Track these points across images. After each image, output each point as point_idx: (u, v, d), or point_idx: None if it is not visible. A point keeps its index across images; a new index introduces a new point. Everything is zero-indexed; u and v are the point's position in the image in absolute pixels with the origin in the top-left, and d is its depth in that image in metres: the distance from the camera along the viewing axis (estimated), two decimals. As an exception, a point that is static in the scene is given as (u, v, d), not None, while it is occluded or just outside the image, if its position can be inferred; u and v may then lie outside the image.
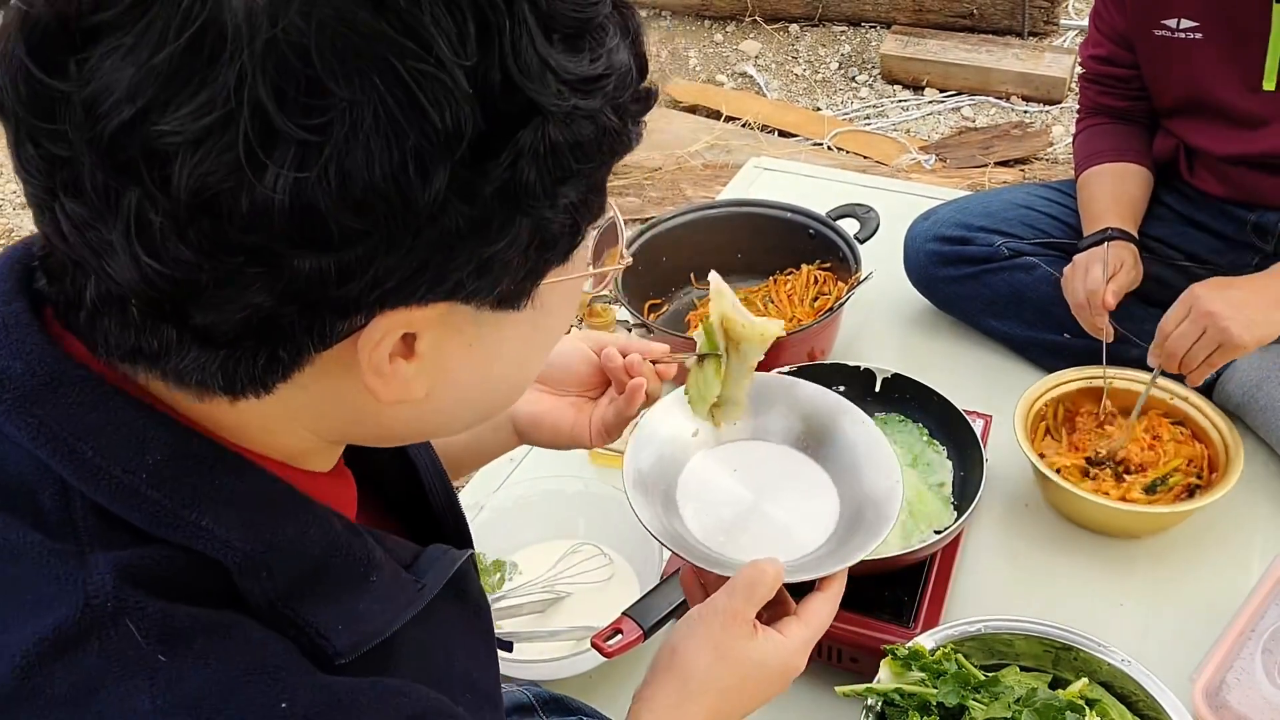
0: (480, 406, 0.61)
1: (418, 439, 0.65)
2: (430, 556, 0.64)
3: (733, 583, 0.83)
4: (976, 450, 1.39)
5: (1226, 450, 1.45)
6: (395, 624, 0.58)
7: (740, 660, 0.81)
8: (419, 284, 0.48)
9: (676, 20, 4.38)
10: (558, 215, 0.50)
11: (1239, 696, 1.14)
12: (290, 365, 0.50)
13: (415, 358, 0.53)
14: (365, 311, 0.49)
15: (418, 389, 0.54)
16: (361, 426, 0.58)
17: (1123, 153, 1.73)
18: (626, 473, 0.95)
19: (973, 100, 3.63)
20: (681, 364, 0.97)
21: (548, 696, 1.18)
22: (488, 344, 0.56)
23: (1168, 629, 1.35)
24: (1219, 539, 1.46)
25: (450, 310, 0.51)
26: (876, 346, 1.85)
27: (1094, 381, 1.58)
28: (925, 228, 1.82)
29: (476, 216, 0.47)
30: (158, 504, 0.50)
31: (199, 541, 0.51)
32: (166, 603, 0.49)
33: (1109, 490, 1.46)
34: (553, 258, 0.53)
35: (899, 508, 0.90)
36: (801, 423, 1.00)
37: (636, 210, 3.14)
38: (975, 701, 1.04)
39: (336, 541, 0.56)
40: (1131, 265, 1.56)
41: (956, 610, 1.36)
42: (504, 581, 1.42)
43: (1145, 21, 1.62)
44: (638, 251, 1.82)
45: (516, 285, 0.53)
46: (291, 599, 0.53)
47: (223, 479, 0.53)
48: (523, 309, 0.55)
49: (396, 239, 0.46)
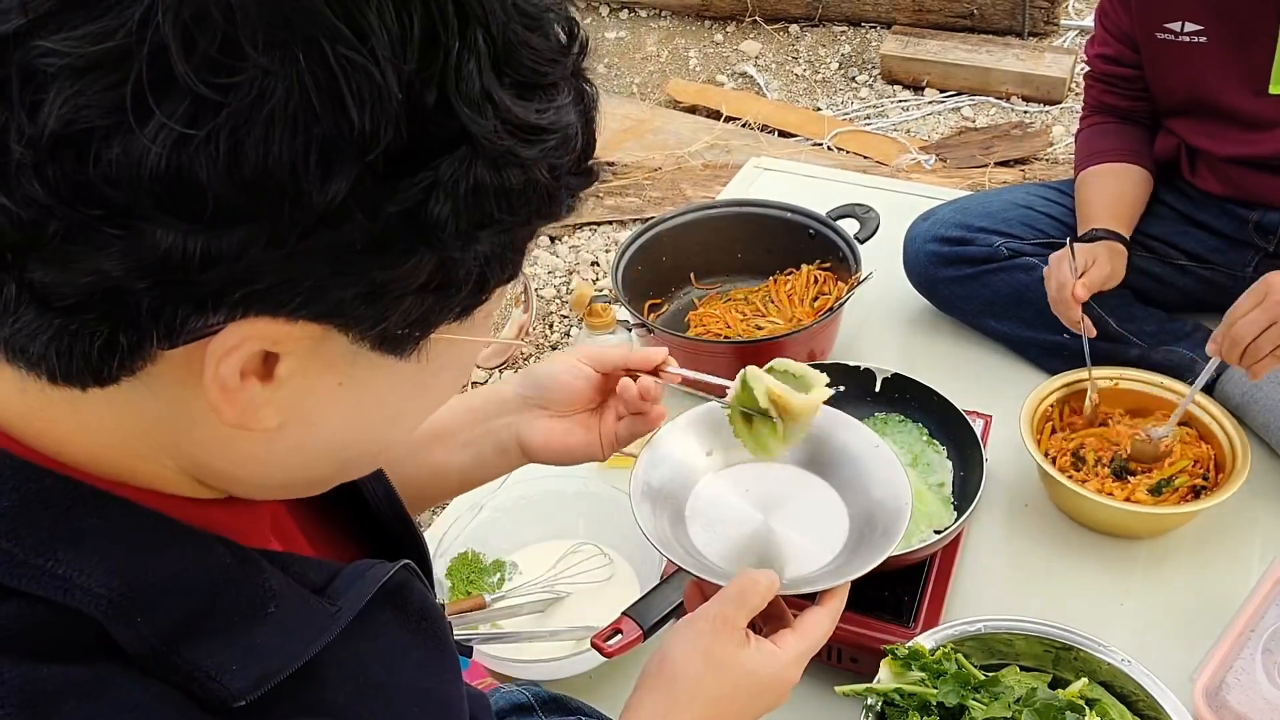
0: (340, 458, 0.56)
1: (269, 490, 0.57)
2: (348, 575, 0.59)
3: (724, 590, 0.81)
4: (976, 450, 1.39)
5: (1233, 451, 1.45)
6: (306, 654, 0.54)
7: (730, 668, 0.78)
8: (294, 293, 0.44)
9: (676, 20, 4.38)
10: (466, 261, 0.47)
11: (1239, 696, 1.14)
12: (129, 355, 0.44)
13: (272, 382, 0.47)
14: (225, 311, 0.44)
15: (267, 418, 0.49)
16: (210, 457, 0.52)
17: (1123, 153, 1.73)
18: (634, 486, 0.94)
19: (973, 100, 3.63)
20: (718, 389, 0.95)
21: (547, 696, 1.18)
22: (360, 389, 0.51)
23: (1168, 629, 1.35)
24: (1219, 539, 1.46)
25: (324, 338, 0.47)
26: (876, 346, 1.85)
27: (1099, 383, 1.58)
28: (925, 228, 1.83)
29: (377, 235, 0.43)
30: (9, 554, 0.46)
31: (59, 593, 0.46)
32: (32, 663, 0.45)
33: (1113, 491, 1.46)
34: (450, 307, 0.49)
35: (904, 528, 0.89)
36: (812, 443, 0.99)
37: (636, 210, 3.14)
38: (975, 701, 1.04)
39: (223, 574, 0.52)
40: (1105, 260, 1.56)
41: (956, 610, 1.36)
42: (504, 581, 1.42)
43: (1148, 24, 1.62)
44: (638, 251, 1.82)
45: (405, 329, 0.48)
46: (175, 642, 0.49)
47: (80, 519, 0.48)
48: (408, 359, 0.51)
49: (281, 234, 0.42)
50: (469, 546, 1.44)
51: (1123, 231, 1.64)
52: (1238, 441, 1.45)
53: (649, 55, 4.22)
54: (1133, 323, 1.68)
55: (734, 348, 1.68)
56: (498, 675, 1.29)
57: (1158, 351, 1.64)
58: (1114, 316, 1.67)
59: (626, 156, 3.43)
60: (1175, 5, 1.57)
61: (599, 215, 3.17)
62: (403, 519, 0.76)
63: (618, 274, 1.76)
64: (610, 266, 1.81)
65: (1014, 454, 1.57)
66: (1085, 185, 1.74)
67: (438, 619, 0.67)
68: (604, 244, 3.07)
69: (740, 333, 1.79)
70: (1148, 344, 1.66)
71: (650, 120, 3.61)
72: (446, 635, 0.67)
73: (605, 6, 4.52)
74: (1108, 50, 1.73)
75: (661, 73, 4.08)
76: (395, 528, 0.76)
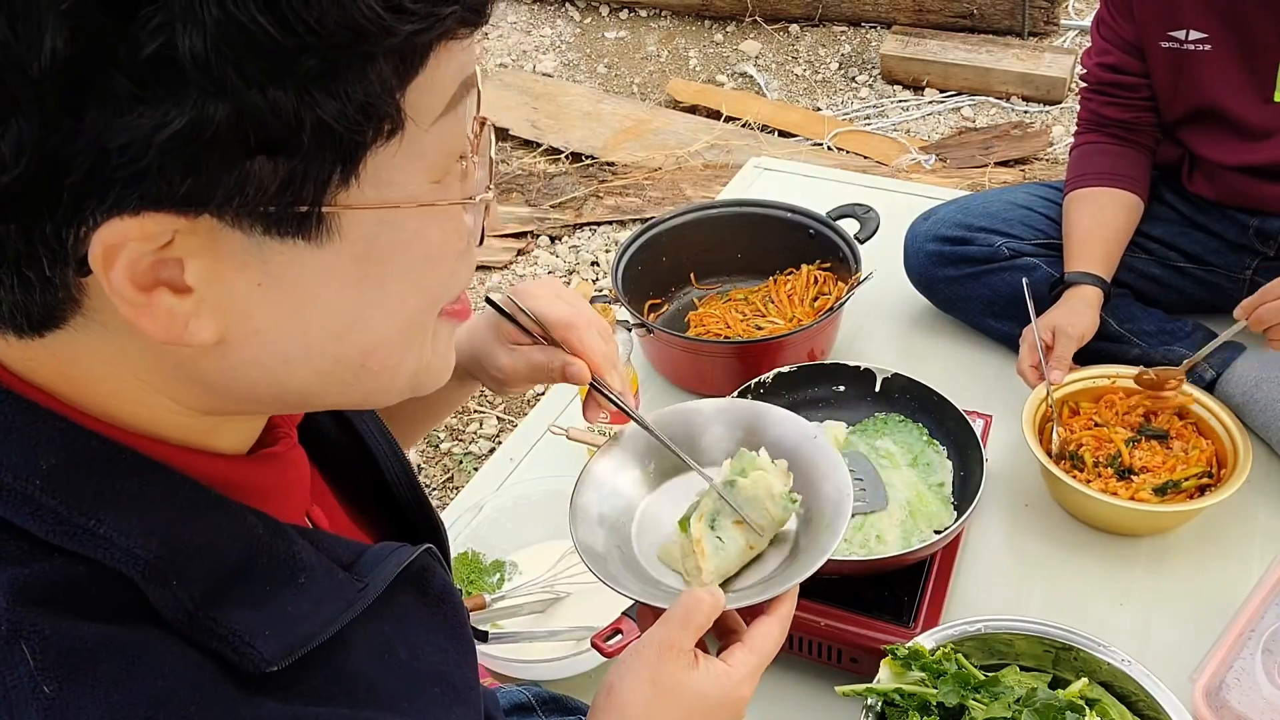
0: (315, 367, 0.52)
1: (263, 402, 0.55)
2: (374, 555, 0.60)
3: (669, 613, 0.79)
4: (976, 450, 1.39)
5: (1234, 446, 1.45)
6: (335, 625, 0.55)
7: (679, 693, 0.76)
8: (111, 181, 0.42)
9: (676, 20, 4.38)
10: (277, 108, 0.42)
11: (1239, 696, 1.14)
12: (47, 291, 0.45)
13: (189, 292, 0.46)
14: (77, 221, 0.43)
15: (202, 331, 0.47)
16: (190, 385, 0.51)
17: (1114, 177, 1.71)
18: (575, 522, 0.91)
19: (973, 100, 3.63)
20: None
21: (547, 696, 1.18)
22: (287, 285, 0.48)
23: (1168, 629, 1.35)
24: (1219, 539, 1.46)
25: (211, 233, 0.45)
26: (876, 346, 1.85)
27: (1098, 381, 1.58)
28: (925, 228, 1.83)
29: (136, 88, 0.40)
30: (54, 512, 0.47)
31: (99, 551, 0.47)
32: (72, 620, 0.46)
33: (1118, 490, 1.46)
34: (307, 170, 0.45)
35: (846, 522, 0.86)
36: (740, 443, 0.96)
37: (636, 210, 3.15)
38: (975, 701, 1.04)
39: (255, 542, 0.53)
40: (1081, 316, 1.58)
41: (956, 610, 1.36)
42: (504, 581, 1.42)
43: (1153, 33, 1.62)
44: (638, 251, 1.82)
45: (277, 203, 0.45)
46: (209, 606, 0.50)
47: (123, 481, 0.49)
48: (319, 241, 0.47)
49: (45, 117, 0.40)
50: (469, 546, 1.44)
51: (1101, 272, 1.64)
52: (1239, 438, 1.45)
53: (649, 55, 4.22)
54: (1133, 322, 1.68)
55: (734, 348, 1.68)
56: (498, 675, 1.29)
57: (1158, 351, 1.64)
58: (1114, 316, 1.67)
59: (626, 156, 3.43)
60: (1180, 13, 1.57)
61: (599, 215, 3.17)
62: (421, 503, 0.77)
63: (618, 274, 1.77)
64: (610, 266, 1.81)
65: (1014, 454, 1.57)
66: (1070, 210, 1.74)
67: (457, 604, 0.67)
68: (604, 244, 3.07)
69: (740, 333, 1.79)
70: (1148, 344, 1.66)
71: (650, 120, 3.61)
72: (464, 620, 0.68)
73: (605, 6, 4.52)
74: (1108, 59, 1.72)
75: (661, 73, 4.08)
76: (414, 513, 0.76)
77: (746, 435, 0.96)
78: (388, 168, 0.48)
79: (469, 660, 0.67)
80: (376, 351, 0.54)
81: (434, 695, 0.61)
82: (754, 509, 0.89)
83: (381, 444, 0.75)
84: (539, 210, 3.19)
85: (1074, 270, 1.65)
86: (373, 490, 0.75)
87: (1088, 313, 1.60)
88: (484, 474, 1.67)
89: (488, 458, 2.04)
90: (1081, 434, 1.55)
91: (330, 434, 0.73)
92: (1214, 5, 1.53)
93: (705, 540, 0.89)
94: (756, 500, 0.89)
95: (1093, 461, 1.50)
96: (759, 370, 1.53)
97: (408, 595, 0.62)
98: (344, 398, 0.56)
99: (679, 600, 0.79)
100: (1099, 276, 1.64)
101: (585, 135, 3.56)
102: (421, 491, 0.77)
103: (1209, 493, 1.41)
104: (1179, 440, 1.52)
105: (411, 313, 0.54)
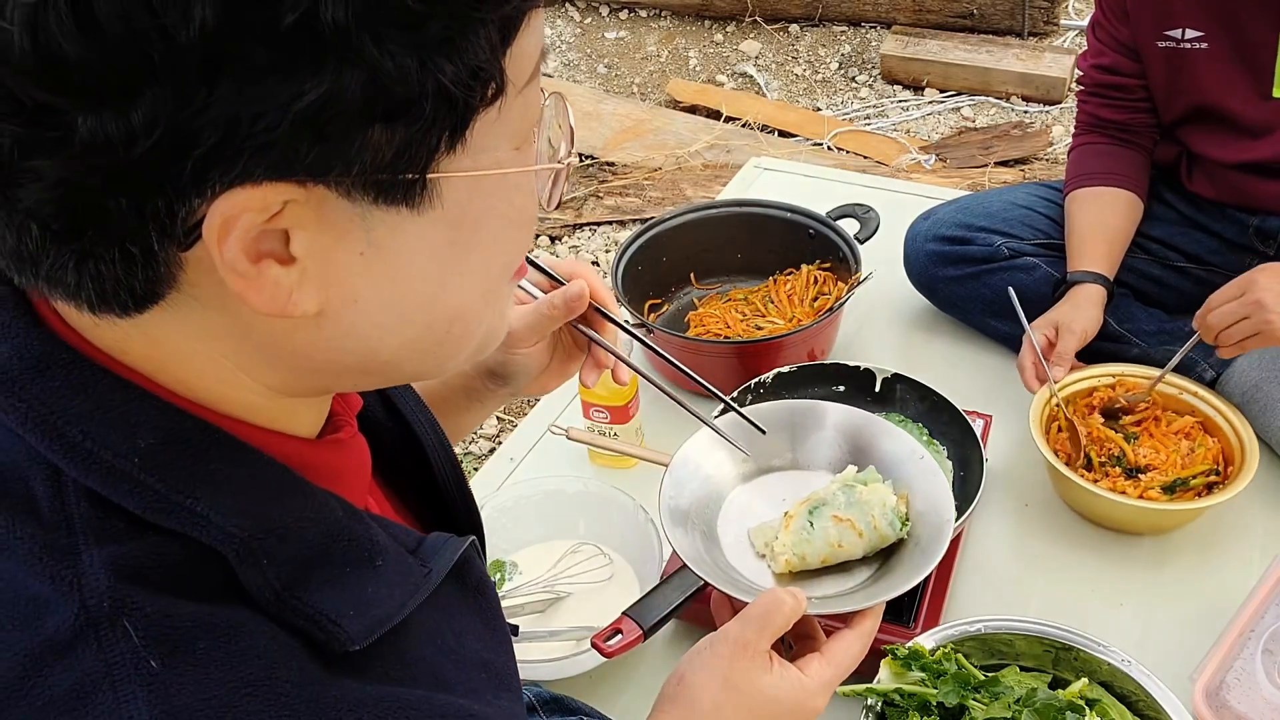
0: (405, 336, 0.53)
1: (352, 379, 0.57)
2: (434, 543, 0.61)
3: (747, 611, 0.78)
4: (976, 450, 1.39)
5: (1240, 444, 1.46)
6: (408, 607, 0.56)
7: (750, 695, 0.75)
8: (239, 152, 0.42)
9: (676, 20, 4.38)
10: (405, 75, 0.43)
11: (1239, 696, 1.14)
12: (150, 266, 0.45)
13: (294, 264, 0.47)
14: (195, 193, 0.43)
15: (305, 301, 0.48)
16: (276, 362, 0.52)
17: (1113, 176, 1.72)
18: (663, 509, 0.90)
19: (973, 100, 3.63)
20: None
21: (548, 696, 1.18)
22: (387, 253, 0.49)
23: (1168, 629, 1.35)
24: (1219, 539, 1.46)
25: (321, 202, 0.45)
26: (876, 346, 1.85)
27: (1102, 380, 1.58)
28: (925, 228, 1.82)
29: (276, 59, 0.40)
30: (152, 490, 0.48)
31: (196, 529, 0.49)
32: (170, 598, 0.47)
33: (1126, 489, 1.46)
34: (422, 135, 0.46)
35: (945, 546, 0.84)
36: (853, 452, 0.96)
37: (636, 210, 3.15)
38: (975, 701, 1.04)
39: (337, 525, 0.54)
40: (1085, 313, 1.58)
41: (956, 610, 1.36)
42: (504, 581, 1.42)
43: (1149, 33, 1.61)
44: (638, 251, 1.82)
45: (391, 172, 0.46)
46: (296, 586, 0.51)
47: (216, 463, 0.50)
48: (420, 209, 0.48)
49: (182, 89, 0.40)
50: (469, 546, 1.44)
51: (1104, 270, 1.65)
52: (1245, 435, 1.46)
53: (649, 55, 4.22)
54: (1133, 322, 1.68)
55: (734, 348, 1.68)
56: (498, 675, 1.29)
57: (1158, 351, 1.64)
58: (1114, 316, 1.67)
59: (626, 156, 3.43)
60: (1175, 12, 1.57)
61: (599, 215, 3.17)
62: (465, 494, 0.77)
63: (618, 274, 1.77)
64: (610, 266, 1.81)
65: (1014, 454, 1.57)
66: (1073, 210, 1.74)
67: (492, 595, 0.67)
68: (604, 244, 3.07)
69: (740, 333, 1.79)
70: (1148, 344, 1.66)
71: (650, 120, 3.61)
72: (499, 611, 0.68)
73: (605, 6, 4.52)
74: (1104, 60, 1.72)
75: (661, 73, 4.08)
76: (458, 505, 0.76)
77: (854, 442, 0.96)
78: (484, 134, 0.48)
79: (507, 649, 0.67)
80: (462, 317, 0.55)
81: (481, 680, 0.61)
82: (859, 513, 0.88)
83: (429, 434, 0.75)
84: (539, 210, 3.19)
85: (1077, 269, 1.65)
86: (418, 480, 0.75)
87: (1091, 310, 1.60)
88: (484, 474, 1.67)
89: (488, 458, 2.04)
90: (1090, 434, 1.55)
91: (381, 423, 0.73)
92: (1207, 4, 1.53)
93: (797, 519, 0.88)
94: (867, 506, 0.88)
95: (1099, 461, 1.50)
96: (759, 370, 1.53)
97: (450, 585, 0.62)
98: (422, 367, 0.57)
99: (760, 599, 0.77)
100: (1102, 275, 1.64)
101: (585, 135, 3.56)
102: (465, 483, 0.77)
103: (1217, 490, 1.41)
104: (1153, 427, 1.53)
105: (494, 277, 0.56)
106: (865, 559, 0.90)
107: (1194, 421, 1.53)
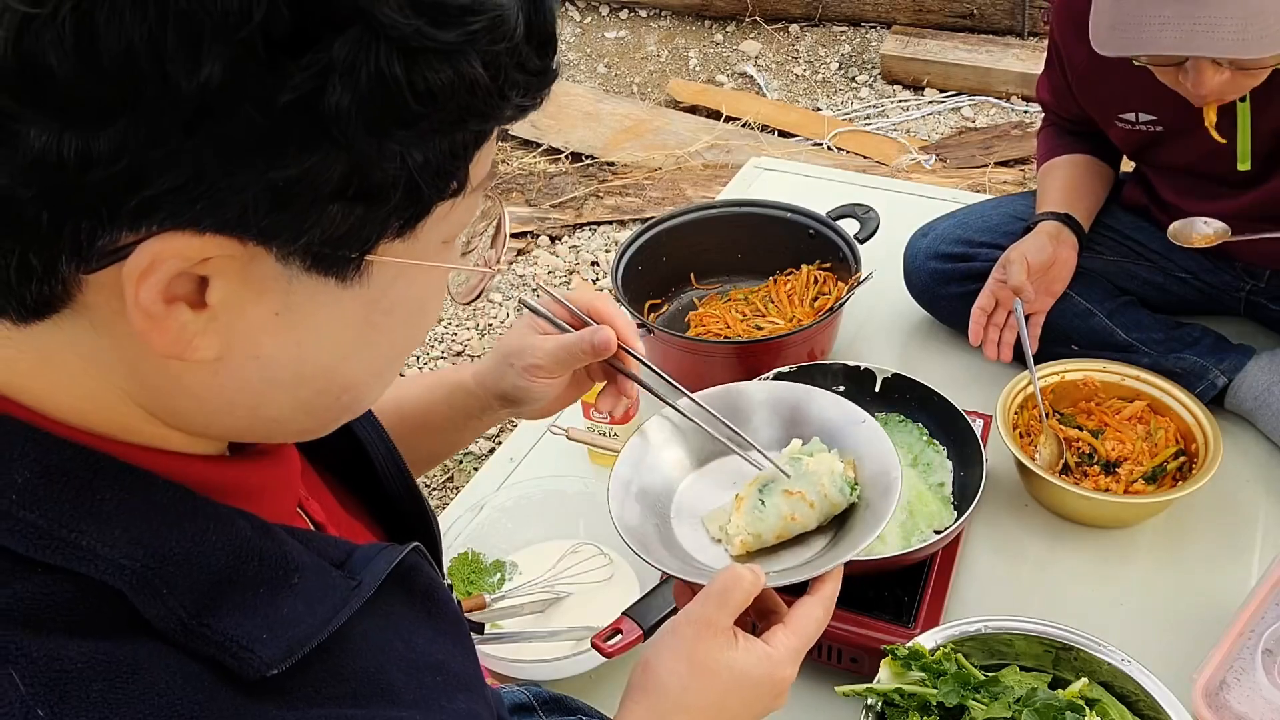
0: (297, 397, 0.53)
1: (234, 430, 0.55)
2: (365, 554, 0.60)
3: (706, 590, 0.77)
4: (976, 450, 1.39)
5: (1197, 421, 1.47)
6: (333, 624, 0.54)
7: (717, 672, 0.74)
8: (194, 200, 0.41)
9: (676, 20, 4.38)
10: (387, 166, 0.44)
11: (1239, 696, 1.14)
12: (46, 279, 0.43)
13: (206, 310, 0.46)
14: (128, 226, 0.42)
15: (203, 347, 0.46)
16: (163, 397, 0.50)
17: (1083, 148, 1.74)
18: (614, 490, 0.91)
19: (973, 100, 3.63)
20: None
21: (547, 696, 1.18)
22: (300, 317, 0.48)
23: (1168, 629, 1.35)
24: (1220, 539, 1.46)
25: (251, 258, 0.45)
26: (876, 346, 1.85)
27: (1068, 375, 1.58)
28: (925, 245, 1.80)
29: (271, 130, 0.40)
30: (33, 526, 0.45)
31: (84, 564, 0.46)
32: (61, 639, 0.44)
33: (1110, 486, 1.46)
34: (383, 222, 0.46)
35: (895, 504, 0.86)
36: (784, 425, 0.96)
37: (636, 210, 3.15)
38: (975, 701, 1.04)
39: (245, 545, 0.51)
40: (1028, 248, 1.58)
41: (956, 610, 1.36)
42: (504, 581, 1.42)
43: (1103, 115, 1.62)
44: (637, 251, 1.82)
45: (335, 245, 0.46)
46: (204, 613, 0.48)
47: (103, 492, 0.48)
48: (348, 283, 0.48)
49: (160, 130, 0.39)
50: (469, 546, 1.44)
51: (1074, 213, 1.64)
52: (1196, 410, 1.47)
53: (649, 55, 4.22)
54: (1140, 330, 1.67)
55: (734, 348, 1.68)
56: (498, 675, 1.29)
57: (1168, 359, 1.63)
58: (1122, 325, 1.66)
59: (626, 156, 3.43)
60: (1121, 99, 1.55)
61: (599, 215, 3.17)
62: (414, 496, 0.76)
63: (618, 274, 1.76)
64: (610, 266, 1.80)
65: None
66: (1044, 177, 1.76)
67: (445, 600, 0.66)
68: (604, 244, 3.07)
69: (740, 333, 1.79)
70: (1157, 352, 1.65)
71: (650, 120, 3.61)
72: (454, 613, 0.67)
73: (605, 6, 4.52)
74: (1062, 113, 1.75)
75: (661, 73, 4.08)
76: (407, 504, 0.75)
77: (792, 416, 0.97)
78: (429, 227, 0.50)
79: (464, 649, 0.66)
80: (355, 387, 0.56)
81: (435, 683, 0.60)
82: (809, 484, 0.89)
83: (372, 435, 0.75)
84: (539, 210, 3.19)
85: (1036, 215, 1.67)
86: (366, 482, 0.75)
87: (1038, 239, 1.60)
88: (484, 474, 1.68)
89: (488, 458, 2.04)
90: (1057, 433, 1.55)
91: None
92: (1147, 90, 1.42)
93: (747, 499, 0.89)
94: (815, 476, 0.89)
95: (1074, 461, 1.51)
96: (759, 370, 1.52)
97: (394, 594, 0.61)
98: (306, 426, 0.57)
99: (717, 577, 0.77)
100: (1058, 212, 1.64)
101: (585, 135, 3.56)
102: (413, 483, 0.76)
103: (1197, 470, 1.41)
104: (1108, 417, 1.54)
105: (396, 355, 0.57)
106: (820, 529, 0.91)
107: (1143, 405, 1.53)
